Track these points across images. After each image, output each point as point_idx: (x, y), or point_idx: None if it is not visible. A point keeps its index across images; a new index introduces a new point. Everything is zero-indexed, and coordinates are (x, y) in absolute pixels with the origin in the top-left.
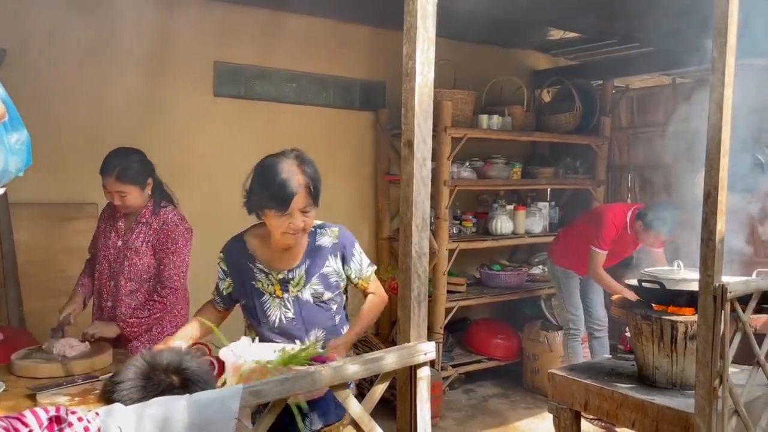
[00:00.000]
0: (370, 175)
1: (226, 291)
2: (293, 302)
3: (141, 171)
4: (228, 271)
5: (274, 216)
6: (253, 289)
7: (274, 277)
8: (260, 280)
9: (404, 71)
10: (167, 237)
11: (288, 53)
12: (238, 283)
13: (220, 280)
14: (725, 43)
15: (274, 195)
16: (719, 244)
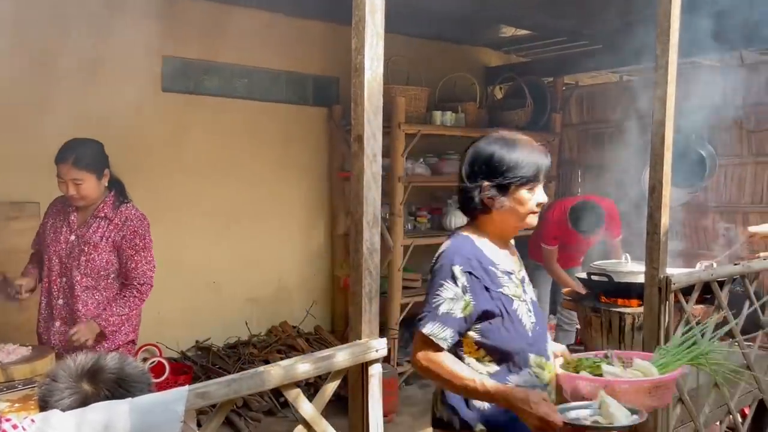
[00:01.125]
0: (325, 171)
1: (463, 312)
2: (532, 303)
3: (97, 159)
4: (468, 285)
5: (526, 191)
6: (501, 298)
7: (516, 277)
8: (506, 284)
9: (353, 66)
10: (135, 234)
11: (239, 48)
12: (482, 296)
13: (449, 305)
14: (668, 41)
15: (527, 164)
16: (663, 237)
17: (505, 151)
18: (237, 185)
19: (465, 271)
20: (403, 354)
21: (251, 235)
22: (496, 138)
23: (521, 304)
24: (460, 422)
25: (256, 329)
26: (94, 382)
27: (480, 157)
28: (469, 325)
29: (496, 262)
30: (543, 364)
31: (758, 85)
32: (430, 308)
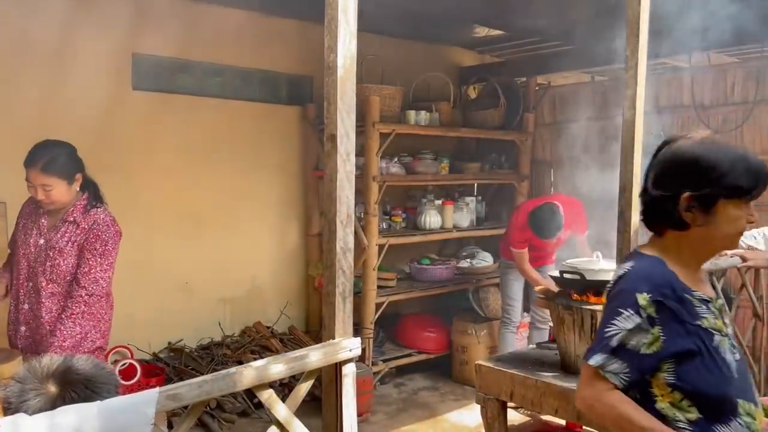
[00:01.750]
0: (299, 170)
1: (649, 349)
2: (734, 338)
3: (68, 164)
4: (657, 317)
5: (735, 207)
6: (699, 332)
7: (714, 306)
8: (704, 315)
9: (326, 65)
10: (96, 238)
11: (211, 46)
12: (676, 331)
13: (627, 337)
14: (637, 42)
15: (743, 173)
16: (634, 235)
17: (716, 155)
18: (210, 185)
19: (654, 300)
20: (377, 353)
21: (224, 235)
22: (703, 139)
23: (723, 339)
24: None
25: (230, 330)
26: (61, 383)
27: (680, 161)
28: (658, 364)
29: (692, 289)
30: (752, 411)
31: (724, 86)
32: (601, 338)
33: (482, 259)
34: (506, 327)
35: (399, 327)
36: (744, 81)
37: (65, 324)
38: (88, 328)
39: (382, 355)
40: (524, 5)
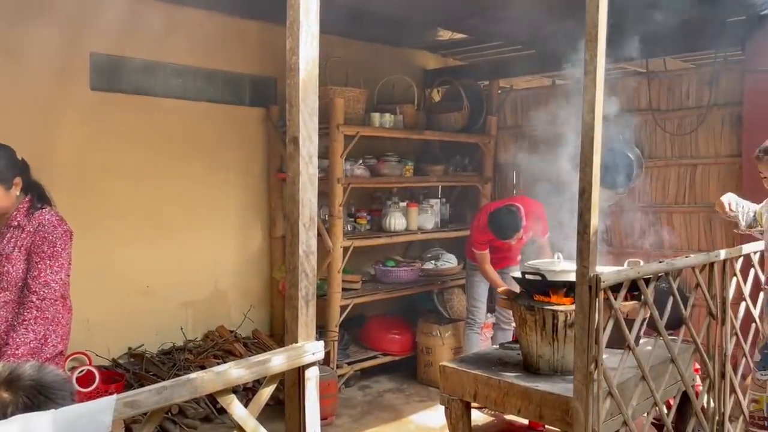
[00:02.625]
0: (262, 173)
1: None
2: None
3: (5, 169)
4: None
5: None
6: None
7: None
8: None
9: (287, 67)
10: (43, 240)
11: (173, 46)
12: None
13: None
14: (596, 47)
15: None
16: (593, 236)
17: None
18: (171, 187)
19: None
20: (342, 356)
21: (186, 238)
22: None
23: None
24: None
25: (192, 334)
26: (12, 389)
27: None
28: None
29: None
30: None
31: (680, 91)
32: None
33: (447, 260)
34: (471, 328)
35: (364, 329)
36: (698, 86)
37: (18, 331)
38: (45, 334)
39: (347, 358)
40: (487, 10)
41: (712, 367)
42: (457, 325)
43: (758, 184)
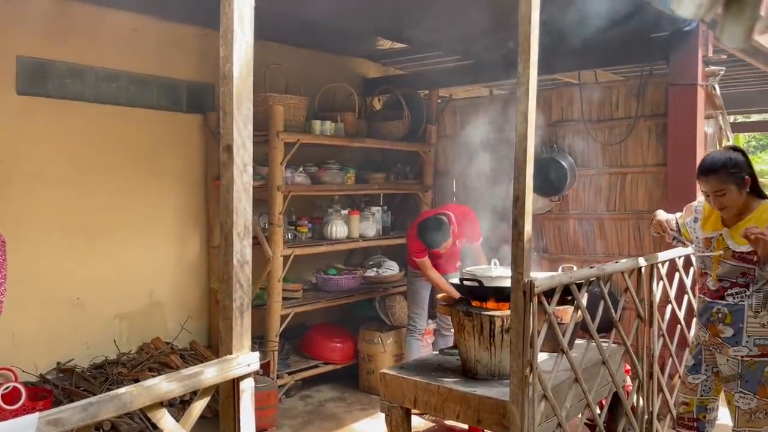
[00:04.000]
0: (200, 180)
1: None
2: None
3: None
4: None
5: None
6: None
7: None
8: None
9: (221, 74)
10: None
11: (106, 50)
12: None
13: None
14: (528, 59)
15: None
16: (527, 243)
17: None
18: (103, 195)
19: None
20: (283, 366)
21: (119, 248)
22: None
23: None
24: None
25: (126, 347)
26: None
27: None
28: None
29: None
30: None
31: (610, 103)
32: None
33: (388, 267)
34: (411, 334)
35: (305, 338)
36: (627, 97)
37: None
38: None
39: (287, 368)
40: (425, 20)
41: (641, 367)
42: (399, 332)
43: (681, 192)
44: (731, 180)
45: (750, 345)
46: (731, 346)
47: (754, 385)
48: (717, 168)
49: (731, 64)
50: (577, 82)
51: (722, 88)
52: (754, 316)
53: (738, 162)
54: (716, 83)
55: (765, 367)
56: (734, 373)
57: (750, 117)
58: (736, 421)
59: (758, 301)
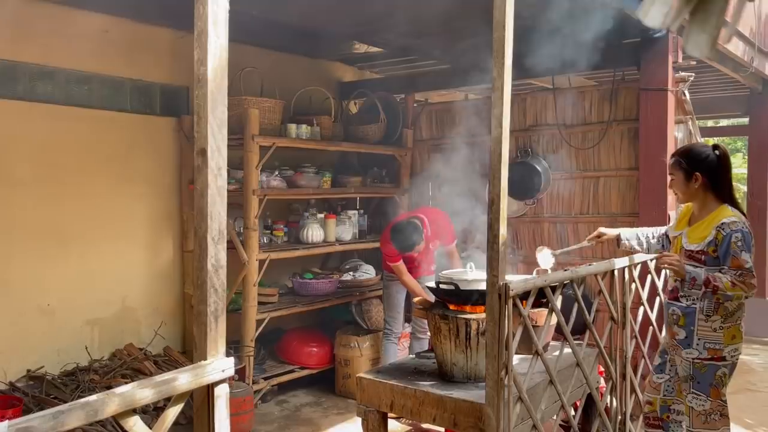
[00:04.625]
0: (174, 184)
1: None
2: None
3: None
4: None
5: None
6: None
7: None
8: None
9: (195, 78)
10: None
11: (77, 52)
12: None
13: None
14: (503, 64)
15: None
16: (502, 246)
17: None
18: (75, 200)
19: None
20: (259, 371)
21: (91, 253)
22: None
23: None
24: None
25: (98, 354)
26: None
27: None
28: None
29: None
30: None
31: (584, 107)
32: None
33: (365, 271)
34: (388, 338)
35: (281, 343)
36: (600, 102)
37: None
38: None
39: (263, 373)
40: (399, 25)
41: (614, 369)
42: (376, 336)
43: (652, 196)
44: (680, 169)
45: (700, 348)
46: (683, 348)
47: (705, 387)
48: (675, 154)
49: (700, 70)
50: (551, 87)
51: (692, 94)
52: (705, 320)
53: (695, 158)
54: (686, 89)
55: (716, 370)
56: (687, 374)
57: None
58: (691, 422)
59: (709, 305)
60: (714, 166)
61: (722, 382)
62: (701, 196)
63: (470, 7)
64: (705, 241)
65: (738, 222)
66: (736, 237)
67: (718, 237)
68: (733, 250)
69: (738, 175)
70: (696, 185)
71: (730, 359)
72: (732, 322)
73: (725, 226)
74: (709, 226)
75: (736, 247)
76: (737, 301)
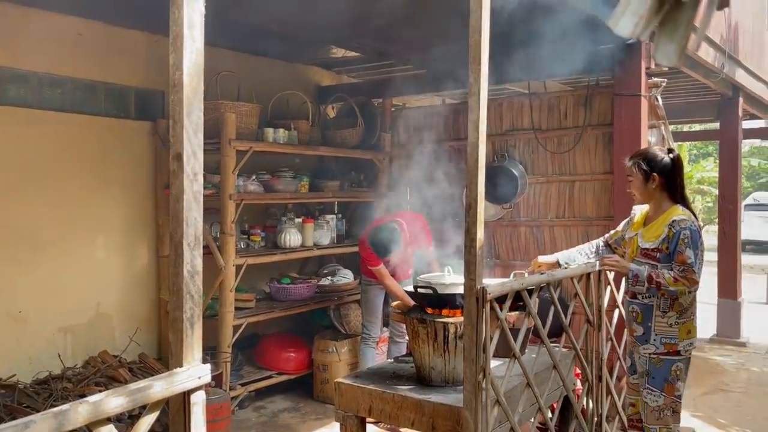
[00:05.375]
0: (149, 189)
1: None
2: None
3: None
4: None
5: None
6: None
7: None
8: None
9: (170, 82)
10: None
11: (50, 55)
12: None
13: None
14: (479, 70)
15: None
16: (480, 250)
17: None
18: (47, 205)
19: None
20: (236, 377)
21: (64, 259)
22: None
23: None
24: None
25: (71, 361)
26: None
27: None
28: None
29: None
30: None
31: (559, 112)
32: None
33: (343, 276)
34: (366, 342)
35: (259, 348)
36: (575, 107)
37: None
38: None
39: (240, 379)
40: (377, 30)
41: (590, 371)
42: (354, 340)
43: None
44: (639, 170)
45: (657, 343)
46: (641, 344)
47: (660, 382)
48: (633, 156)
49: (673, 76)
50: (527, 92)
51: (665, 99)
52: (662, 316)
53: (653, 159)
54: (659, 94)
55: (672, 365)
56: (643, 370)
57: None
58: (646, 417)
59: (666, 301)
60: (669, 169)
61: (677, 377)
62: (657, 196)
63: (446, 12)
64: (659, 239)
65: (687, 220)
66: (684, 234)
67: (669, 234)
68: (680, 247)
69: (710, 179)
70: (653, 186)
71: (685, 354)
72: (687, 317)
73: (675, 224)
74: (662, 225)
75: (683, 244)
76: (690, 297)
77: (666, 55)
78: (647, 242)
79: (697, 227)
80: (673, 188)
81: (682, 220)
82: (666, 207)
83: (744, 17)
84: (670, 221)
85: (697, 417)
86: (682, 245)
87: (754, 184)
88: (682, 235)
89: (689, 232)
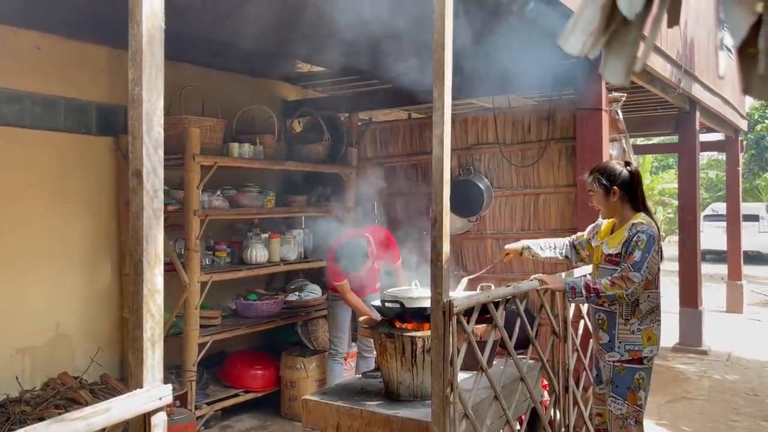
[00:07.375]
0: (112, 205)
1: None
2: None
3: None
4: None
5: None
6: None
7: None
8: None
9: (130, 98)
10: None
11: (7, 69)
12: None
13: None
14: (443, 85)
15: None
16: (446, 264)
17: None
18: (5, 222)
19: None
20: (201, 396)
21: (22, 278)
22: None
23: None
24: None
25: (30, 383)
26: None
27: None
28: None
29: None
30: None
31: (523, 126)
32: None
33: (311, 291)
34: (333, 358)
35: (225, 366)
36: (538, 121)
37: None
38: None
39: (206, 398)
40: (341, 45)
41: (557, 382)
42: (322, 356)
43: (590, 211)
44: (599, 185)
45: (621, 350)
46: (606, 352)
47: (623, 391)
48: (592, 172)
49: (632, 91)
50: (492, 107)
51: (625, 113)
52: (624, 323)
53: (611, 174)
54: (619, 108)
55: (635, 373)
56: (608, 378)
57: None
58: (610, 425)
59: (627, 308)
60: (628, 181)
61: (640, 386)
62: (619, 208)
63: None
64: (620, 244)
65: (645, 224)
66: (639, 237)
67: (628, 237)
68: (631, 248)
69: (670, 190)
70: (615, 199)
71: (647, 362)
72: (647, 324)
73: (633, 227)
74: (625, 230)
75: (635, 245)
76: (651, 303)
77: (614, 74)
78: (611, 248)
79: (653, 233)
80: (634, 199)
81: (640, 223)
82: (628, 216)
83: (699, 33)
84: (630, 225)
85: (662, 425)
86: (633, 246)
87: (713, 195)
88: (636, 238)
89: (645, 236)
